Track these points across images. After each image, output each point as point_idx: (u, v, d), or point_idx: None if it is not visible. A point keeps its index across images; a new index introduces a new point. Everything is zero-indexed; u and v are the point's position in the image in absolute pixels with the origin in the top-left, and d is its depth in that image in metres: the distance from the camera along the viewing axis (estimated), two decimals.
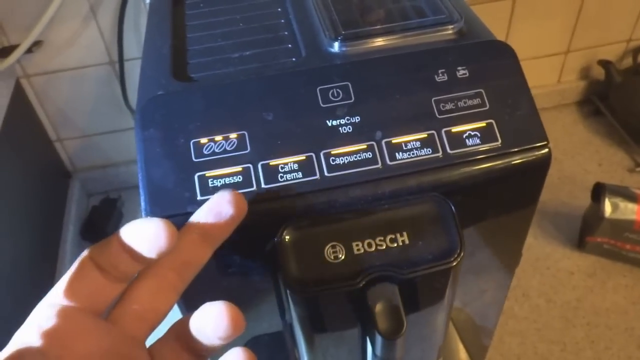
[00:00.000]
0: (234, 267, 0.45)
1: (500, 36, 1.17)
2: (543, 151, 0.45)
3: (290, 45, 0.52)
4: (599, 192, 0.97)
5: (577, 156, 1.22)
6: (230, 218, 0.34)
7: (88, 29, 0.95)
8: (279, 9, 0.58)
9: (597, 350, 0.89)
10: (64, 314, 0.30)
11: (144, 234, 0.31)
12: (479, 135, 0.44)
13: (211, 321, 0.31)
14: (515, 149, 0.44)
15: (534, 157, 0.45)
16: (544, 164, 0.45)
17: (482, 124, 0.44)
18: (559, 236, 1.06)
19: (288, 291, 0.41)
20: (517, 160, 0.44)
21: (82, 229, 1.13)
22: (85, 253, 0.32)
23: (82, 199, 1.18)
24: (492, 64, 0.47)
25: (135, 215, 1.15)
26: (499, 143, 0.44)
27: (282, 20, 0.56)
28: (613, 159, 1.21)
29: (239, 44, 0.54)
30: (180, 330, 0.33)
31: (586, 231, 1.00)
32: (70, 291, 0.31)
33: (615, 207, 0.94)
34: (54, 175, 1.14)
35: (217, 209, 0.34)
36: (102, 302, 0.32)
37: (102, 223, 1.13)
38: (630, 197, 0.95)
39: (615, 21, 1.23)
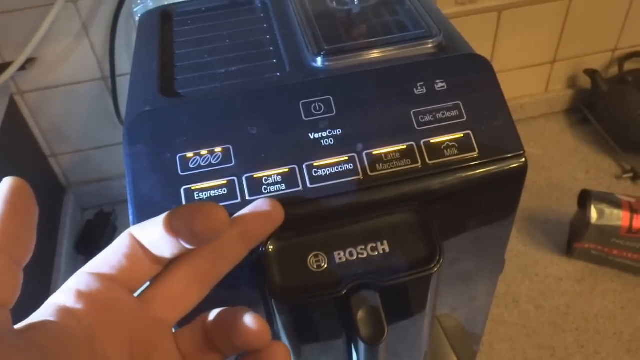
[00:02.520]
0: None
1: (487, 48, 1.19)
2: (519, 160, 0.46)
3: (275, 61, 0.54)
4: (584, 199, 0.99)
5: (565, 164, 1.24)
6: (270, 222, 0.35)
7: (80, 45, 0.97)
8: (265, 25, 0.60)
9: (587, 355, 0.90)
10: (101, 283, 0.30)
11: (197, 217, 0.31)
12: (456, 145, 0.45)
13: (239, 328, 0.31)
14: (492, 159, 0.46)
15: (510, 167, 0.46)
16: (520, 173, 0.47)
17: (459, 135, 0.46)
18: (548, 243, 1.07)
19: (273, 300, 0.42)
20: (493, 169, 0.46)
21: (76, 243, 1.14)
22: (129, 230, 0.32)
23: (76, 213, 1.19)
24: (469, 77, 0.49)
25: None
26: (476, 153, 0.45)
27: (268, 36, 0.58)
28: (601, 166, 1.23)
29: (225, 60, 0.55)
30: (206, 323, 0.33)
31: (574, 237, 1.02)
32: (109, 263, 0.31)
33: (601, 214, 0.96)
34: (48, 189, 1.15)
35: (259, 212, 0.35)
36: (138, 280, 0.32)
37: (96, 237, 1.14)
38: (616, 203, 0.96)
39: (601, 31, 1.25)
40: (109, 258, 0.31)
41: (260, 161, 0.44)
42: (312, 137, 0.45)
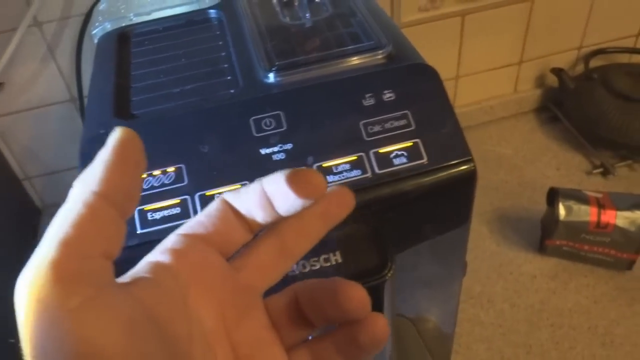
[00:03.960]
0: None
1: (453, 52, 1.20)
2: (467, 166, 0.47)
3: (229, 78, 0.55)
4: (552, 196, 1.00)
5: (536, 162, 1.25)
6: (346, 206, 0.35)
7: (47, 68, 0.97)
8: (220, 42, 0.60)
9: (562, 350, 0.92)
10: (197, 244, 0.30)
11: (294, 180, 0.30)
12: (405, 154, 0.46)
13: (338, 298, 0.30)
14: (441, 165, 0.47)
15: (459, 172, 0.47)
16: (469, 178, 0.48)
17: (408, 143, 0.47)
18: (521, 241, 1.08)
19: None
20: (443, 176, 0.47)
21: None
22: (222, 196, 0.32)
23: None
24: (417, 86, 0.50)
25: None
26: (424, 161, 0.46)
27: (223, 53, 0.59)
28: (571, 163, 1.24)
29: (180, 79, 0.56)
30: (298, 292, 0.32)
31: (545, 235, 1.03)
32: (205, 226, 0.31)
33: (569, 210, 0.97)
34: (23, 212, 1.15)
35: (337, 194, 0.35)
36: (230, 245, 0.32)
37: None
38: (583, 199, 0.98)
39: (565, 30, 1.27)
40: (203, 222, 0.31)
41: (213, 179, 0.45)
42: (263, 152, 0.46)
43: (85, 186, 0.25)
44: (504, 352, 0.92)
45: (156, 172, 0.45)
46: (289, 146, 0.46)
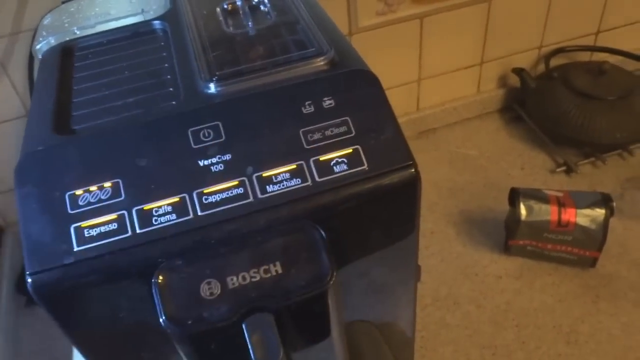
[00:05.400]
0: (124, 311, 0.46)
1: (413, 55, 1.20)
2: (409, 171, 0.47)
3: (171, 89, 0.54)
4: (514, 196, 1.01)
5: (501, 162, 1.26)
6: None
7: (1, 84, 0.96)
8: (164, 54, 0.60)
9: (528, 350, 0.92)
10: None
11: None
12: (346, 161, 0.46)
13: None
14: (382, 172, 0.46)
15: (400, 178, 0.47)
16: (411, 183, 0.47)
17: (348, 150, 0.46)
18: (487, 242, 1.09)
19: (168, 331, 0.42)
20: (384, 182, 0.46)
21: (17, 283, 1.12)
22: None
23: (16, 252, 1.16)
24: (356, 92, 0.49)
25: None
26: (365, 167, 0.46)
27: (166, 65, 0.58)
28: (535, 162, 1.25)
29: (123, 92, 0.55)
30: None
31: (509, 235, 1.03)
32: None
33: (530, 210, 0.97)
34: None
35: None
36: None
37: None
38: (544, 199, 0.98)
39: (525, 29, 1.28)
40: None
41: (150, 193, 0.44)
42: (201, 164, 0.45)
43: None
44: (470, 354, 0.92)
45: (92, 188, 0.44)
46: (227, 157, 0.46)
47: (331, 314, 0.46)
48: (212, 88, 0.51)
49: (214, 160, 0.46)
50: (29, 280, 0.42)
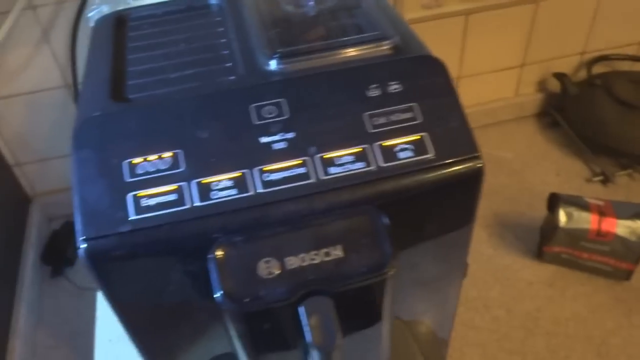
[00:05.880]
0: (172, 285, 0.45)
1: (455, 51, 1.19)
2: (475, 162, 0.46)
3: (229, 64, 0.53)
4: (553, 202, 0.99)
5: (536, 167, 1.24)
6: None
7: (41, 53, 0.95)
8: (221, 29, 0.59)
9: (557, 359, 0.90)
10: None
11: None
12: (411, 148, 0.45)
13: None
14: (448, 161, 0.45)
15: (466, 169, 0.45)
16: (476, 175, 0.46)
17: (414, 137, 0.45)
18: (519, 247, 1.07)
19: (224, 308, 0.41)
20: (449, 171, 0.45)
21: (42, 253, 1.12)
22: None
23: (43, 223, 1.16)
24: (424, 79, 0.48)
25: None
26: (431, 155, 0.45)
27: (224, 40, 0.57)
28: (571, 169, 1.23)
29: (179, 64, 0.54)
30: None
31: (544, 241, 1.02)
32: None
33: (569, 217, 0.96)
34: (13, 199, 1.13)
35: None
36: None
37: (63, 247, 1.12)
38: (584, 206, 0.96)
39: (569, 34, 1.26)
40: None
41: (210, 166, 0.43)
42: (263, 141, 0.44)
43: None
44: (498, 358, 0.90)
45: (152, 157, 0.43)
46: (290, 135, 0.44)
47: (385, 304, 0.45)
48: (274, 65, 0.50)
49: (276, 137, 0.44)
50: (84, 245, 0.41)
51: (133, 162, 0.43)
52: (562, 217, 0.96)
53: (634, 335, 0.93)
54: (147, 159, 0.43)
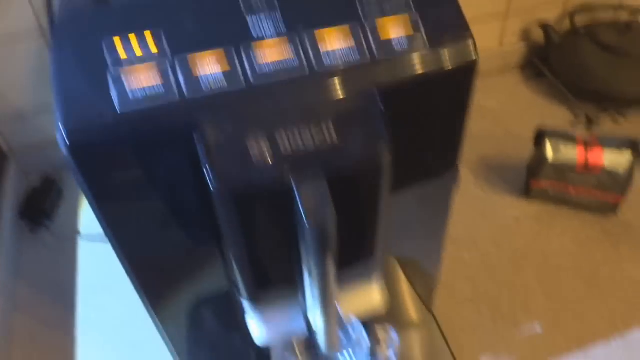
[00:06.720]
0: (158, 181, 0.44)
1: None
2: (467, 41, 0.44)
3: None
4: (540, 137, 0.98)
5: (521, 115, 1.23)
6: None
7: None
8: None
9: (548, 289, 0.90)
10: None
11: None
12: (404, 32, 0.43)
13: None
14: (441, 42, 0.44)
15: (459, 50, 0.44)
16: (469, 54, 0.45)
17: (407, 24, 0.44)
18: (505, 187, 1.07)
19: (216, 193, 0.39)
20: (442, 55, 0.44)
21: (20, 209, 1.09)
22: None
23: (19, 179, 1.13)
24: None
25: (76, 194, 1.11)
26: (424, 40, 0.43)
27: None
28: (556, 116, 1.23)
29: None
30: None
31: (531, 177, 1.01)
32: None
33: (556, 150, 0.95)
34: None
35: None
36: None
37: (41, 202, 1.09)
38: (571, 139, 0.96)
39: None
40: None
41: (195, 45, 0.41)
42: (250, 19, 0.42)
43: None
44: (489, 290, 0.90)
45: (134, 41, 0.41)
46: (277, 14, 0.43)
47: (380, 196, 0.44)
48: None
49: (262, 15, 0.43)
50: (66, 136, 0.39)
51: (118, 51, 0.41)
52: (549, 150, 0.95)
53: (623, 265, 0.93)
54: (132, 46, 0.41)
